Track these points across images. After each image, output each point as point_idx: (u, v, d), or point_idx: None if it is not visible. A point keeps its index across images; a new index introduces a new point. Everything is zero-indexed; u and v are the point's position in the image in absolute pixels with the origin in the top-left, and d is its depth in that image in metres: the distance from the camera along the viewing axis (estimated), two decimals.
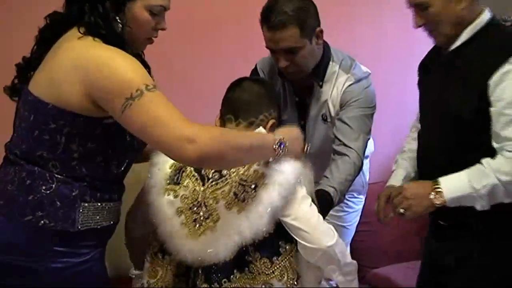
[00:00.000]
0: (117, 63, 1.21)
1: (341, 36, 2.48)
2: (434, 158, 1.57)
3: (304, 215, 1.35)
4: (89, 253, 1.33)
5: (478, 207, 1.45)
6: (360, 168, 1.76)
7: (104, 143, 1.29)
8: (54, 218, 1.27)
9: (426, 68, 1.70)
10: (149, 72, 1.40)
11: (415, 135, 1.76)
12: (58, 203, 1.27)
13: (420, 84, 1.72)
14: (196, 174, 1.38)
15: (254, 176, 1.33)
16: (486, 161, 1.44)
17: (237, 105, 1.45)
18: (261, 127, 1.45)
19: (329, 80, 1.79)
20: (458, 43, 1.53)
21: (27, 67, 1.35)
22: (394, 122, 2.70)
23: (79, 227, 1.29)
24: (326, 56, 1.79)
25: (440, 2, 1.49)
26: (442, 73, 1.59)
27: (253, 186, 1.32)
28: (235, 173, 1.35)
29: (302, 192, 1.37)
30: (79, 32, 1.26)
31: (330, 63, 1.80)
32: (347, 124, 1.74)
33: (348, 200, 2.06)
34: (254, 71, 1.93)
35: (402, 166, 1.73)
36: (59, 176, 1.28)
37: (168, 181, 1.41)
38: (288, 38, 1.65)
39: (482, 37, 1.51)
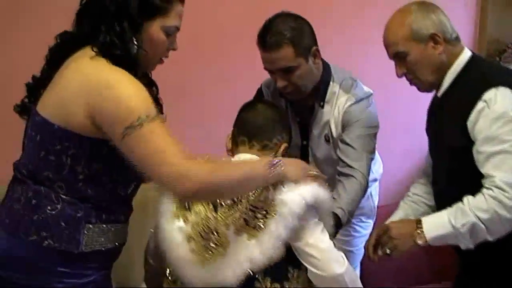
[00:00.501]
0: (121, 87, 1.21)
1: (354, 54, 2.48)
2: (446, 197, 1.56)
3: (315, 242, 1.34)
4: (94, 274, 1.32)
5: (462, 246, 1.45)
6: (366, 188, 1.75)
7: (109, 165, 1.28)
8: (58, 239, 1.26)
9: (429, 114, 1.72)
10: (157, 91, 1.41)
11: (423, 180, 1.77)
12: (62, 223, 1.27)
13: (427, 130, 1.73)
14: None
15: (264, 202, 1.32)
16: (466, 198, 1.43)
17: (251, 128, 1.46)
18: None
19: (330, 100, 1.79)
20: (443, 88, 1.57)
21: (37, 87, 1.35)
22: (403, 144, 2.69)
23: (83, 249, 1.28)
24: (326, 76, 1.79)
25: (417, 50, 1.53)
26: (437, 118, 1.63)
27: (264, 213, 1.31)
28: (245, 199, 1.34)
29: (314, 218, 1.36)
30: (92, 51, 1.26)
31: (331, 83, 1.80)
32: (349, 145, 1.73)
33: (356, 225, 2.04)
34: (259, 90, 1.94)
35: (402, 209, 1.73)
36: (64, 197, 1.28)
37: (177, 206, 1.39)
38: (282, 58, 1.66)
39: (463, 78, 1.54)
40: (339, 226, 1.61)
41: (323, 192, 1.35)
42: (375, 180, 2.04)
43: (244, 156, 1.42)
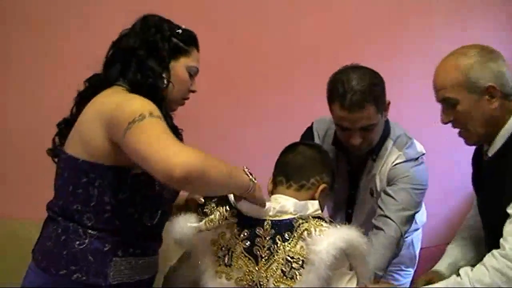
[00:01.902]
0: (130, 101, 1.24)
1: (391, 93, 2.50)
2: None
3: None
4: None
5: None
6: (399, 240, 1.67)
7: (134, 194, 1.30)
8: (86, 273, 1.28)
9: (474, 164, 1.61)
10: (182, 138, 1.46)
11: (470, 222, 1.68)
12: (90, 258, 1.29)
13: (472, 179, 1.61)
14: (247, 254, 1.35)
15: (300, 252, 1.30)
16: (465, 271, 1.33)
17: (289, 168, 1.43)
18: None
19: (382, 155, 1.75)
20: (495, 147, 1.44)
21: (66, 127, 1.40)
22: (443, 187, 2.62)
23: (111, 282, 1.29)
24: (385, 132, 1.75)
25: (469, 100, 1.39)
26: (489, 180, 1.49)
27: (300, 263, 1.29)
28: (282, 250, 1.32)
29: (344, 268, 1.32)
30: (120, 88, 1.32)
31: (387, 139, 1.76)
32: (391, 196, 1.68)
33: (395, 273, 1.98)
34: (309, 129, 1.90)
35: (449, 254, 1.63)
36: (92, 232, 1.30)
37: (218, 263, 1.37)
38: (366, 117, 1.60)
39: None
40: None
41: (357, 236, 1.29)
42: (416, 229, 1.98)
43: (280, 198, 1.40)
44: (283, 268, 1.29)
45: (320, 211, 1.39)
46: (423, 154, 1.76)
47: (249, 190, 1.28)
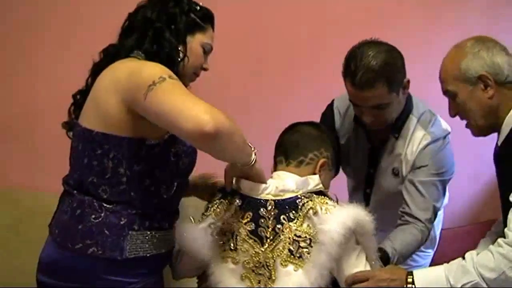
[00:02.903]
0: (146, 65, 1.25)
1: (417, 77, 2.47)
2: None
3: (348, 268, 1.32)
4: (140, 282, 1.33)
5: None
6: (426, 237, 1.66)
7: (149, 165, 1.30)
8: (102, 246, 1.28)
9: (494, 160, 1.57)
10: None
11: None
12: (106, 231, 1.29)
13: (496, 173, 1.57)
14: (252, 236, 1.35)
15: (307, 231, 1.30)
16: (470, 255, 1.32)
17: (287, 147, 1.45)
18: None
19: (405, 133, 1.70)
20: (502, 137, 1.43)
21: (81, 98, 1.40)
22: (469, 168, 2.57)
23: (127, 255, 1.29)
24: (407, 109, 1.70)
25: (465, 91, 1.42)
26: (499, 170, 1.50)
27: (308, 241, 1.30)
28: (288, 229, 1.32)
29: (351, 243, 1.32)
30: (135, 59, 1.31)
31: (410, 116, 1.71)
32: (418, 190, 1.65)
33: (415, 254, 1.90)
34: (329, 107, 1.87)
35: (481, 247, 1.56)
36: (107, 205, 1.30)
37: (223, 248, 1.38)
38: (376, 96, 1.55)
39: None
40: (386, 263, 1.53)
41: (364, 215, 1.31)
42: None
43: (283, 174, 1.41)
44: (291, 248, 1.30)
45: (321, 185, 1.39)
46: (449, 133, 1.71)
47: (251, 162, 1.30)
